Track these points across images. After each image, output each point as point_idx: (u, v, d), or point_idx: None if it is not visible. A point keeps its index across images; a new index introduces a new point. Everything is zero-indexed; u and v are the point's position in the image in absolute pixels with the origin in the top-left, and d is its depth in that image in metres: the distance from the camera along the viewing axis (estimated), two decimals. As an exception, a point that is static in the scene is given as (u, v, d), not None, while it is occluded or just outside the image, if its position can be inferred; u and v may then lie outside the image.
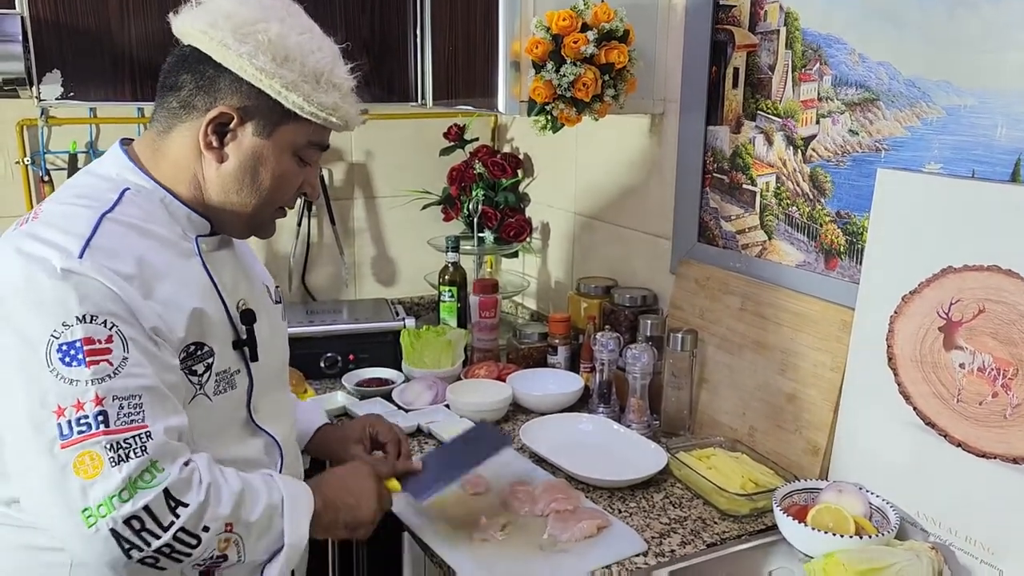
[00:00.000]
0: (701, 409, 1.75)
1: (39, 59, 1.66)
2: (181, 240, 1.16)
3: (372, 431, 1.49)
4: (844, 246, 1.50)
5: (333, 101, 1.15)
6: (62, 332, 0.99)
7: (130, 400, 1.01)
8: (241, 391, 1.21)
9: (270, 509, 1.11)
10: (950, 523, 1.27)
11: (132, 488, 0.98)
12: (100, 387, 0.99)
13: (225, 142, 1.14)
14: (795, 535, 1.31)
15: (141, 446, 1.00)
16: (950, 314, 1.27)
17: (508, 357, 2.12)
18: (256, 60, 1.10)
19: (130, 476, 0.98)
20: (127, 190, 1.14)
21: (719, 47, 1.70)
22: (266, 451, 1.26)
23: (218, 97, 1.12)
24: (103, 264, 1.03)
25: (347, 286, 2.48)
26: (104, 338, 1.00)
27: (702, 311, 1.76)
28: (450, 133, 2.43)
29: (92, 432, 0.98)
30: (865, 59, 1.42)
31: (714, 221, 1.77)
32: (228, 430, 1.20)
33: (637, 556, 1.32)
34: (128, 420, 1.00)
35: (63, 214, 1.09)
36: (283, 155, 1.16)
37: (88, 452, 0.98)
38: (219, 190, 1.16)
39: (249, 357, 1.21)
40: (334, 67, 1.16)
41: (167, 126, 1.16)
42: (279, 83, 1.11)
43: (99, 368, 1.00)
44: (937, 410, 1.29)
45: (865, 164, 1.45)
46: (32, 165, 2.07)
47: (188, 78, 1.13)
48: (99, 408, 0.99)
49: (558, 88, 1.64)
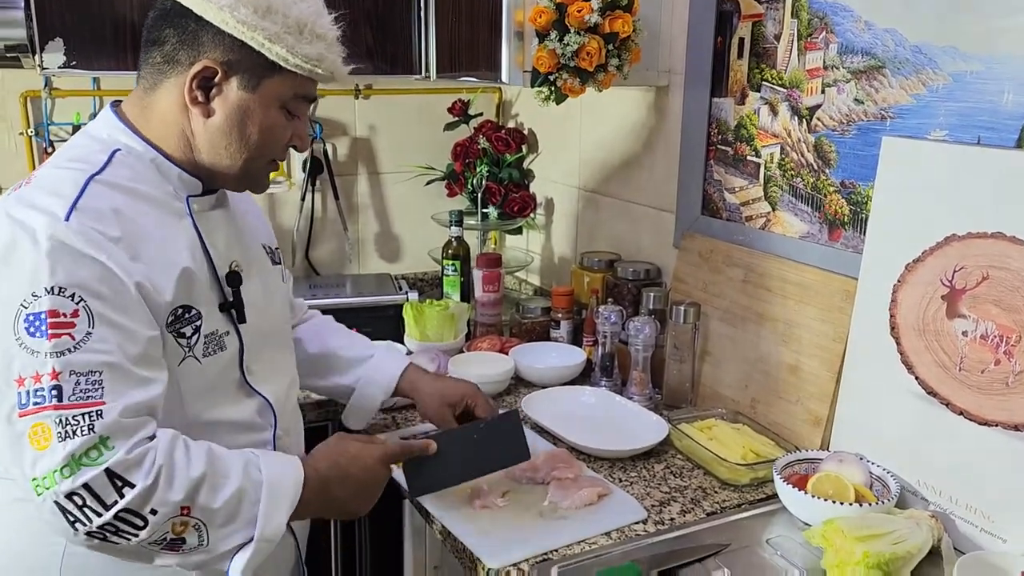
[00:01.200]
0: (703, 381, 1.75)
1: (41, 27, 1.65)
2: (172, 200, 1.16)
3: (472, 403, 1.49)
4: (848, 216, 1.49)
5: (318, 52, 1.14)
6: (31, 302, 1.00)
7: (88, 376, 1.00)
8: (232, 352, 1.20)
9: (239, 496, 1.07)
10: (951, 492, 1.27)
11: (76, 464, 0.98)
12: (58, 361, 0.99)
13: (211, 96, 1.13)
14: (795, 503, 1.31)
15: (89, 424, 0.99)
16: (953, 282, 1.26)
17: (511, 331, 2.12)
18: (237, 12, 1.09)
19: (73, 453, 0.98)
20: (117, 151, 1.14)
21: (724, 17, 1.69)
22: (259, 412, 1.26)
23: (201, 51, 1.11)
24: (89, 226, 1.03)
25: (351, 261, 2.48)
26: (70, 312, 1.00)
27: (705, 284, 1.76)
28: (454, 108, 2.42)
29: (44, 405, 0.99)
30: (871, 26, 1.41)
31: (718, 194, 1.76)
32: (220, 391, 1.20)
33: (637, 524, 1.32)
34: (83, 396, 1.00)
35: (53, 177, 1.09)
36: (270, 108, 1.16)
37: (40, 424, 0.99)
38: (208, 145, 1.16)
39: (236, 319, 1.21)
40: (318, 17, 1.15)
41: (153, 83, 1.15)
42: (262, 35, 1.10)
43: (60, 341, 0.99)
44: (939, 379, 1.28)
45: (870, 133, 1.43)
46: (36, 136, 2.07)
47: (171, 32, 1.12)
48: (55, 382, 0.99)
49: (562, 58, 1.63)
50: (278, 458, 1.17)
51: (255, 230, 1.35)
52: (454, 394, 1.50)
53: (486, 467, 1.34)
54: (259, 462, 1.12)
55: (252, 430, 1.24)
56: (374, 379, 1.53)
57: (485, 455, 1.34)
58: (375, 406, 1.55)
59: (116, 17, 1.71)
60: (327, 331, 1.59)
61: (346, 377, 1.53)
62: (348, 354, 1.55)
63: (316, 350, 1.55)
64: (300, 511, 1.14)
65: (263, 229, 1.39)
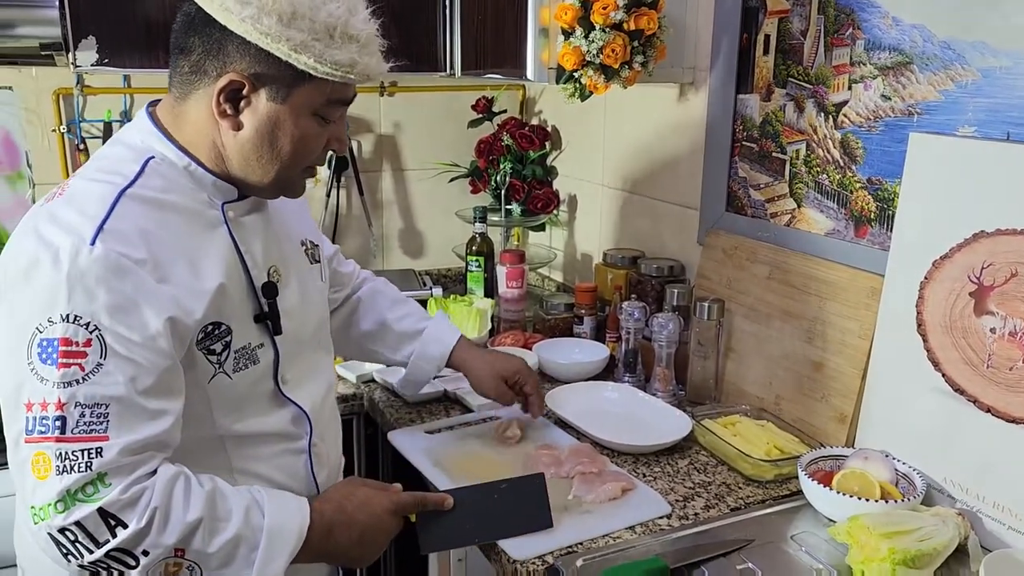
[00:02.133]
0: (727, 378, 1.75)
1: (75, 25, 1.68)
2: (207, 209, 1.12)
3: (521, 378, 1.54)
4: (875, 213, 1.48)
5: (350, 57, 1.06)
6: (45, 327, 0.98)
7: (93, 409, 0.98)
8: (265, 364, 1.17)
9: (235, 542, 1.05)
10: (978, 489, 1.27)
11: (70, 499, 0.97)
12: (64, 391, 0.97)
13: (240, 109, 1.08)
14: (820, 499, 1.31)
15: (87, 462, 0.97)
16: (981, 279, 1.25)
17: (534, 327, 2.13)
18: (260, 23, 1.02)
19: (69, 488, 0.97)
20: (151, 159, 1.10)
21: (750, 13, 1.68)
22: (293, 422, 1.22)
23: (227, 62, 1.05)
24: (114, 250, 1.00)
25: (375, 257, 2.50)
26: (82, 341, 0.98)
27: (729, 281, 1.76)
28: (478, 105, 2.43)
29: (47, 435, 0.97)
30: (899, 22, 1.40)
31: (743, 190, 1.76)
32: (252, 403, 1.17)
33: (661, 518, 1.33)
34: (87, 429, 0.98)
35: (84, 192, 1.06)
36: (301, 118, 1.09)
37: (42, 454, 0.97)
38: (239, 157, 1.11)
39: (272, 330, 1.17)
40: (349, 16, 1.06)
41: (183, 92, 1.10)
42: (287, 45, 1.03)
43: (68, 372, 0.97)
44: (967, 376, 1.28)
45: (897, 129, 1.43)
46: (68, 134, 2.10)
47: (197, 41, 1.07)
48: (59, 413, 0.97)
49: (587, 55, 1.63)
50: (285, 502, 1.12)
51: (295, 227, 1.30)
52: (507, 368, 1.54)
53: (504, 530, 1.26)
54: (264, 505, 1.09)
55: (286, 439, 1.22)
56: (426, 353, 1.55)
57: (504, 516, 1.26)
58: (427, 379, 1.59)
59: (148, 16, 1.73)
60: (382, 302, 1.59)
61: (399, 352, 1.55)
62: (400, 327, 1.56)
63: (369, 326, 1.57)
64: (301, 556, 1.11)
65: (305, 224, 1.35)
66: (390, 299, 1.60)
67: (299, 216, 1.35)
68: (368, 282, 1.62)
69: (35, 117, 2.09)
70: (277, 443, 1.21)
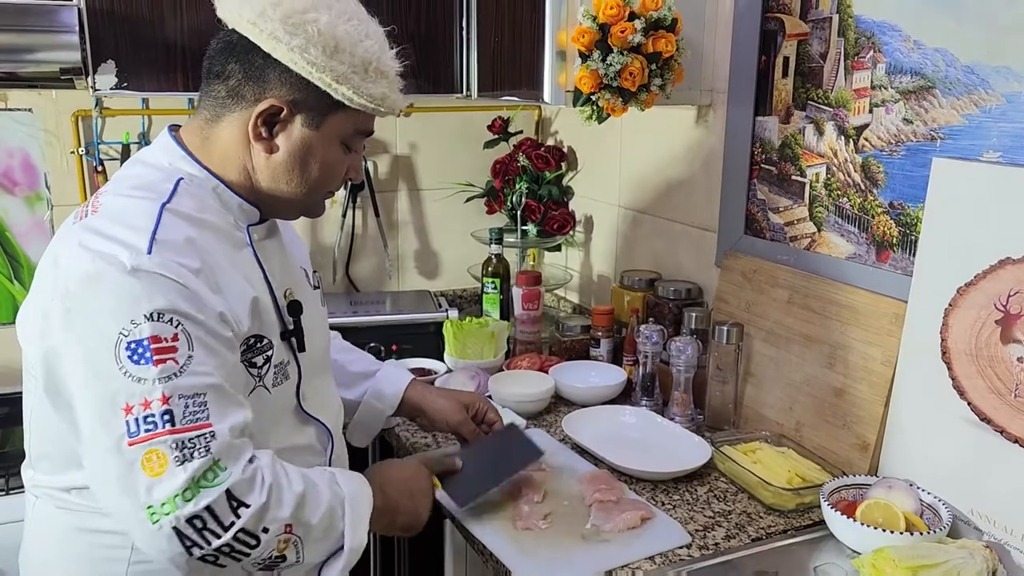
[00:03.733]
0: (746, 403, 1.73)
1: (94, 50, 1.69)
2: (234, 230, 1.16)
3: (481, 406, 1.54)
4: (897, 238, 1.47)
5: (381, 91, 1.14)
6: (131, 330, 1.00)
7: (195, 399, 1.01)
8: (293, 381, 1.21)
9: (331, 511, 1.11)
10: (1006, 522, 1.24)
11: (195, 487, 0.99)
12: (166, 386, 0.99)
13: (275, 133, 1.13)
14: (843, 530, 1.29)
15: (205, 446, 1.00)
16: (1008, 307, 1.23)
17: (550, 349, 2.12)
18: (307, 53, 1.08)
19: (193, 476, 0.99)
20: (181, 179, 1.13)
21: (769, 36, 1.68)
22: (317, 438, 1.27)
23: (267, 88, 1.11)
24: (171, 259, 1.03)
25: (390, 278, 2.50)
26: (170, 336, 1.01)
27: (748, 304, 1.74)
28: (494, 126, 2.43)
29: (158, 431, 0.99)
30: (921, 46, 1.39)
31: (761, 213, 1.75)
32: (283, 419, 1.21)
33: (680, 548, 1.31)
34: (193, 419, 1.00)
35: (124, 208, 1.08)
36: (331, 145, 1.16)
37: (154, 451, 0.99)
38: (269, 179, 1.16)
39: (297, 347, 1.22)
40: (381, 55, 1.15)
41: (215, 114, 1.15)
42: (330, 76, 1.09)
43: (166, 367, 1.00)
44: (993, 405, 1.25)
45: (920, 154, 1.41)
46: (87, 155, 2.11)
47: (236, 67, 1.12)
48: (165, 407, 0.99)
49: (604, 78, 1.63)
50: (349, 474, 1.20)
51: (295, 255, 1.34)
52: (464, 398, 1.55)
53: (512, 469, 1.44)
54: (338, 478, 1.16)
55: (310, 454, 1.25)
56: (380, 391, 1.53)
57: (506, 458, 1.45)
58: (381, 421, 1.55)
59: (167, 41, 1.74)
60: (334, 348, 1.56)
61: (351, 391, 1.52)
62: (354, 368, 1.54)
63: None
64: (372, 522, 1.17)
65: (301, 252, 1.39)
66: (342, 345, 1.60)
67: (297, 244, 1.39)
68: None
69: (54, 139, 2.10)
70: (302, 457, 1.23)
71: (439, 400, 1.53)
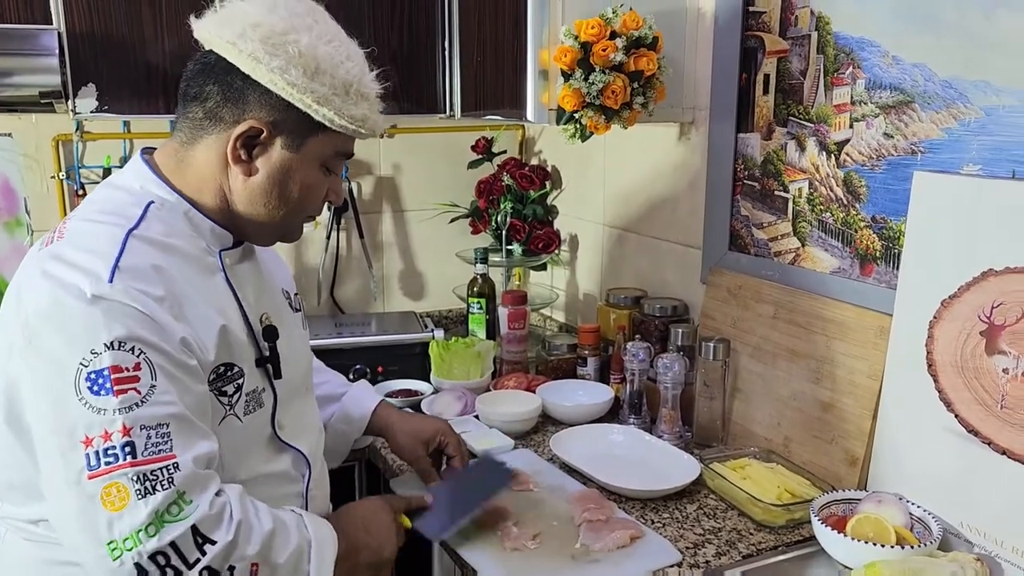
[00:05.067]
0: (734, 419, 1.72)
1: (75, 73, 1.68)
2: (205, 255, 1.14)
3: (443, 440, 1.49)
4: (880, 251, 1.47)
5: (362, 112, 1.12)
6: (91, 360, 0.97)
7: (157, 429, 0.98)
8: (267, 408, 1.19)
9: (298, 552, 1.07)
10: (996, 534, 1.24)
11: (159, 522, 0.96)
12: (127, 416, 0.97)
13: (254, 155, 1.11)
14: (834, 545, 1.28)
15: (168, 478, 0.97)
16: (992, 318, 1.24)
17: (537, 369, 2.11)
18: (288, 75, 1.06)
19: (156, 510, 0.96)
20: (151, 204, 1.11)
21: (749, 54, 1.69)
22: (294, 465, 1.24)
23: (247, 109, 1.09)
24: (133, 287, 1.01)
25: (375, 299, 2.49)
26: (132, 365, 0.98)
27: (734, 320, 1.74)
28: (478, 146, 2.43)
29: (119, 463, 0.96)
30: (899, 61, 1.40)
31: (745, 229, 1.75)
32: (256, 448, 1.19)
33: (672, 567, 1.29)
34: (156, 450, 0.98)
35: (89, 233, 1.06)
36: (311, 167, 1.14)
37: (115, 484, 0.96)
38: (246, 202, 1.14)
39: (272, 375, 1.19)
40: (362, 76, 1.13)
41: (191, 137, 1.13)
42: (311, 97, 1.08)
43: (126, 397, 0.97)
44: (980, 417, 1.25)
45: (901, 167, 1.42)
46: (67, 180, 2.10)
47: (214, 89, 1.10)
48: (126, 439, 0.96)
49: (587, 96, 1.63)
50: (314, 517, 1.16)
51: (275, 277, 1.33)
52: (427, 430, 1.50)
53: (484, 496, 1.41)
54: (304, 520, 1.12)
55: (286, 482, 1.23)
56: (347, 414, 1.51)
57: (479, 485, 1.43)
58: (348, 444, 1.53)
59: (148, 63, 1.73)
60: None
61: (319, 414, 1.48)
62: (320, 391, 1.51)
63: None
64: (337, 566, 1.13)
65: (282, 274, 1.37)
66: (319, 369, 1.56)
67: (277, 266, 1.38)
68: None
69: (34, 163, 2.08)
70: (278, 486, 1.21)
71: (399, 431, 1.51)
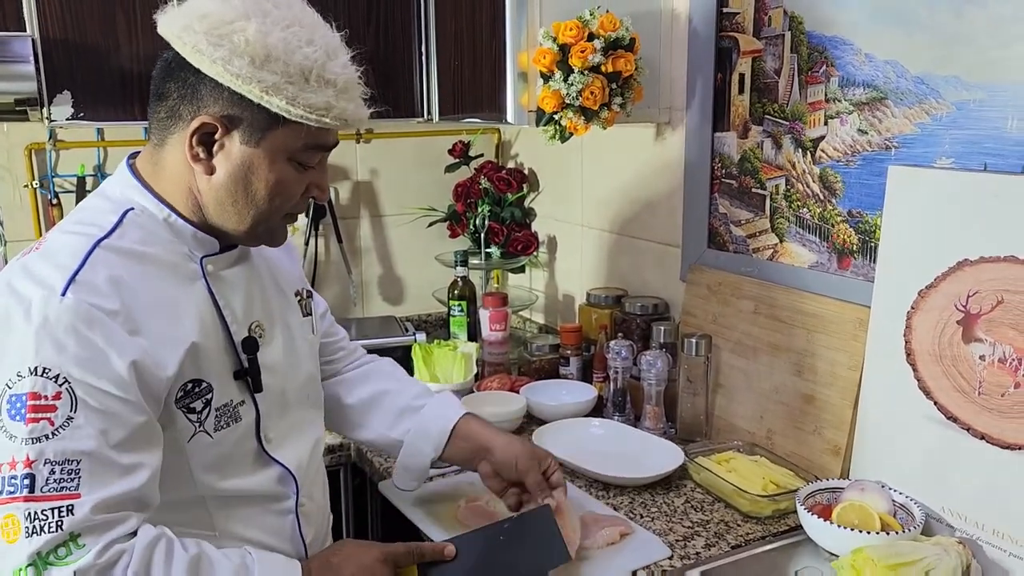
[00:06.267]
0: (717, 414, 1.74)
1: (50, 80, 1.66)
2: (186, 262, 1.10)
3: (554, 466, 1.33)
4: (857, 245, 1.50)
5: (325, 101, 1.04)
6: (15, 383, 0.95)
7: (64, 465, 0.94)
8: (248, 422, 1.14)
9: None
10: (976, 517, 1.27)
11: (42, 563, 0.92)
12: (32, 448, 0.93)
13: (213, 153, 1.06)
14: (820, 533, 1.30)
15: (58, 521, 0.93)
16: (968, 307, 1.27)
17: (519, 370, 2.12)
18: (231, 65, 1.00)
19: (39, 551, 0.92)
20: (130, 211, 1.08)
21: (724, 54, 1.72)
22: (279, 482, 1.19)
23: (201, 106, 1.04)
24: (84, 300, 0.97)
25: (355, 304, 2.48)
26: (51, 394, 0.95)
27: (715, 316, 1.76)
28: (455, 150, 2.44)
29: (16, 495, 0.93)
30: (872, 59, 1.44)
31: (724, 226, 1.78)
32: (235, 462, 1.13)
33: (662, 561, 1.31)
34: (57, 487, 0.93)
35: (59, 245, 1.04)
36: (276, 162, 1.07)
37: (11, 516, 0.93)
38: (214, 203, 1.09)
39: (252, 388, 1.14)
40: (327, 62, 1.05)
41: (160, 138, 1.09)
42: (259, 87, 1.01)
43: (37, 427, 0.94)
44: (959, 403, 1.29)
45: (875, 163, 1.46)
46: (41, 189, 2.07)
47: (173, 86, 1.06)
48: (27, 471, 0.93)
49: (566, 97, 1.65)
50: (274, 565, 1.08)
51: (287, 277, 1.28)
52: (540, 451, 1.35)
53: (518, 572, 1.17)
54: (253, 570, 1.04)
55: (272, 500, 1.18)
56: (425, 430, 1.37)
57: (515, 557, 1.16)
58: (426, 464, 1.38)
59: (123, 69, 1.71)
60: (375, 376, 1.47)
61: (394, 428, 1.39)
62: (399, 401, 1.41)
63: (363, 395, 1.44)
64: None
65: (295, 274, 1.31)
66: (388, 374, 1.49)
67: (292, 265, 1.33)
68: (368, 362, 1.51)
69: (6, 173, 2.05)
70: (262, 504, 1.17)
71: (511, 439, 1.35)
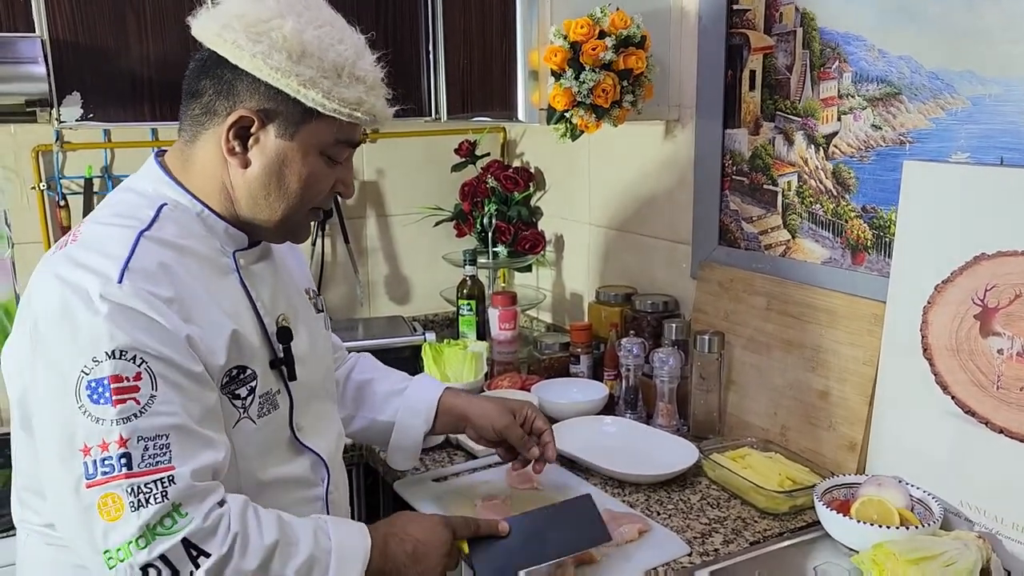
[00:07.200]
0: (730, 411, 1.74)
1: (59, 81, 1.66)
2: (219, 256, 1.14)
3: (530, 413, 1.42)
4: (871, 240, 1.50)
5: (357, 96, 1.09)
6: (92, 368, 0.97)
7: (155, 441, 0.98)
8: (283, 410, 1.18)
9: (309, 564, 1.04)
10: (995, 511, 1.27)
11: (150, 534, 0.95)
12: (124, 427, 0.96)
13: (248, 147, 1.10)
14: (839, 529, 1.30)
15: (162, 491, 0.96)
16: (986, 300, 1.27)
17: (529, 368, 2.12)
18: (271, 59, 1.05)
19: (148, 522, 0.95)
20: (164, 206, 1.11)
21: (734, 51, 1.72)
22: (312, 469, 1.23)
23: (238, 101, 1.08)
24: (142, 287, 1.00)
25: (362, 304, 2.48)
26: (132, 375, 0.98)
27: (727, 313, 1.76)
28: (461, 149, 2.44)
29: (115, 475, 0.96)
30: (885, 54, 1.44)
31: (735, 223, 1.78)
32: (273, 450, 1.17)
33: (682, 558, 1.31)
34: (153, 462, 0.97)
35: (101, 235, 1.06)
36: (309, 156, 1.12)
37: (111, 495, 0.96)
38: (247, 196, 1.12)
39: (287, 376, 1.18)
40: (357, 59, 1.10)
41: (193, 135, 1.13)
42: (296, 81, 1.05)
43: (125, 407, 0.97)
44: (977, 398, 1.29)
45: (889, 158, 1.46)
46: (48, 191, 2.06)
47: (208, 83, 1.10)
48: (123, 450, 0.96)
49: (577, 95, 1.65)
50: (346, 524, 1.14)
51: (297, 277, 1.31)
52: (511, 402, 1.44)
53: (565, 548, 1.24)
54: (328, 528, 1.10)
55: (305, 486, 1.22)
56: (413, 408, 1.44)
57: (561, 535, 1.25)
58: (419, 439, 1.45)
59: (133, 71, 1.71)
60: (359, 370, 1.53)
61: (384, 412, 1.45)
62: (383, 387, 1.47)
63: (352, 391, 1.49)
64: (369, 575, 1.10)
65: (305, 274, 1.36)
66: (373, 366, 1.55)
67: (301, 266, 1.37)
68: (351, 359, 1.57)
69: (13, 175, 2.05)
70: (297, 490, 1.20)
71: (483, 405, 1.43)
